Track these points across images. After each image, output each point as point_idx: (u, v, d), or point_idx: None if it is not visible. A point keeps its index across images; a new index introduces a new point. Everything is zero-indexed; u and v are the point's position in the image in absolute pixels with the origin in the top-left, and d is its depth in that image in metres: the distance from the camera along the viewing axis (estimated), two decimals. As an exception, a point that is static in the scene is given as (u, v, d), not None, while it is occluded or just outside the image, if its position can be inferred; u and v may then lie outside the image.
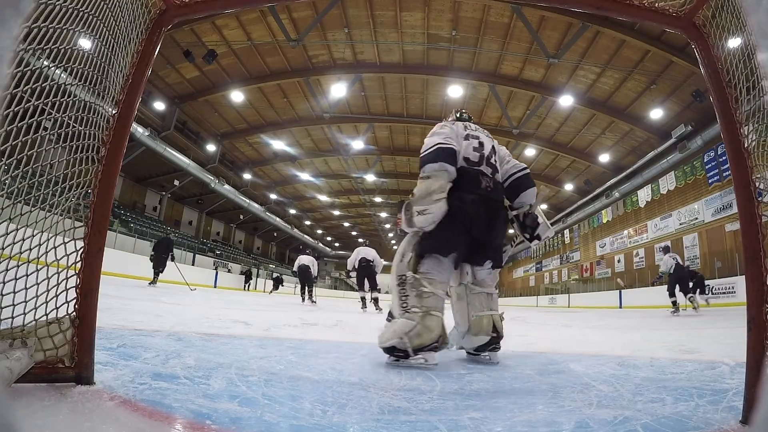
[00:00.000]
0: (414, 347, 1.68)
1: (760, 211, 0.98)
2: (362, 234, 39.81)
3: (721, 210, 13.59)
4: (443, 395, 1.24)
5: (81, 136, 1.01)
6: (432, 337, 1.70)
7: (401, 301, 1.79)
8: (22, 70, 0.79)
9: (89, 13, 0.94)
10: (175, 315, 3.45)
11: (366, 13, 12.40)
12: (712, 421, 0.97)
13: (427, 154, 1.88)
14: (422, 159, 1.89)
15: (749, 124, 1.03)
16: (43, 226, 0.96)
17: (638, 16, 1.19)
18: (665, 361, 2.00)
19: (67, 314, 1.02)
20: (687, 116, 14.04)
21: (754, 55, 0.94)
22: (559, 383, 1.44)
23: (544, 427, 0.96)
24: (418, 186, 1.82)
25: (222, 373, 1.31)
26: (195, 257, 19.71)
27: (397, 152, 21.33)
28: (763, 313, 0.93)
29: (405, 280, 1.80)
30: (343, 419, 0.95)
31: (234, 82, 15.54)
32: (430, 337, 1.70)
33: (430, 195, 1.76)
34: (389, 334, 1.73)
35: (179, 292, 8.41)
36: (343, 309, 8.33)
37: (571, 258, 24.97)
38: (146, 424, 0.83)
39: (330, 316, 5.52)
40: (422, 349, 1.70)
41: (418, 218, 1.76)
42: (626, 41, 12.02)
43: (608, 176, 19.05)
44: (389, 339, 1.72)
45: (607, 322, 6.59)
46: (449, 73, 14.62)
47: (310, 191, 27.70)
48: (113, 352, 1.52)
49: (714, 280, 12.29)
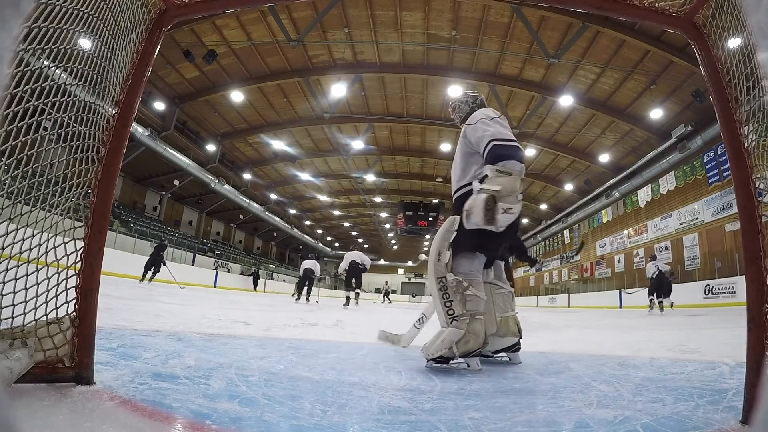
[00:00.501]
0: (461, 354, 1.66)
1: (760, 211, 0.98)
2: (362, 234, 39.84)
3: (721, 210, 13.59)
4: (443, 395, 1.24)
5: (81, 136, 1.01)
6: (479, 342, 1.69)
7: (446, 308, 1.70)
8: (22, 70, 0.79)
9: (89, 13, 0.94)
10: (175, 315, 3.45)
11: (366, 13, 12.40)
12: (712, 421, 0.97)
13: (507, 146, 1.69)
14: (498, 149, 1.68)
15: (749, 124, 1.03)
16: (43, 226, 0.96)
17: (638, 16, 1.19)
18: (665, 361, 2.00)
19: (67, 314, 1.02)
20: (687, 116, 14.04)
21: (754, 55, 0.94)
22: (559, 383, 1.44)
23: (544, 427, 0.96)
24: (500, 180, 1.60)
25: (222, 373, 1.31)
26: (195, 257, 19.70)
27: (397, 152, 21.32)
28: (763, 313, 0.93)
29: (446, 284, 1.71)
30: (343, 419, 0.95)
31: (234, 82, 15.54)
32: (477, 342, 1.68)
33: (515, 193, 1.61)
34: (438, 345, 1.67)
35: (179, 292, 8.42)
36: (343, 308, 8.33)
37: (571, 258, 24.97)
38: (146, 424, 0.83)
39: (330, 316, 5.52)
40: (468, 354, 1.67)
41: (503, 216, 1.58)
42: (626, 41, 12.01)
43: (608, 176, 19.05)
44: (439, 350, 1.66)
45: (607, 322, 6.58)
46: (449, 73, 14.62)
47: (310, 191, 27.70)
48: (113, 352, 1.52)
49: (714, 280, 12.30)
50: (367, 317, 5.97)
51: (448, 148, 18.89)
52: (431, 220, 24.08)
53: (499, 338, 1.89)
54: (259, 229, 32.36)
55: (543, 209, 25.66)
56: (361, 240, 42.13)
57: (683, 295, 12.85)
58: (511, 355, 1.92)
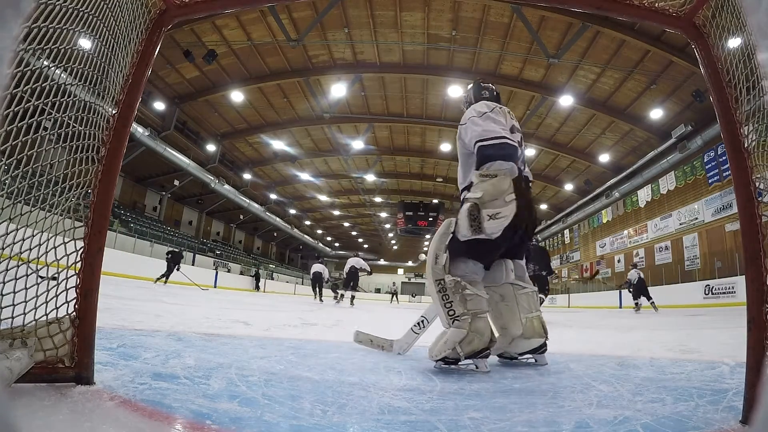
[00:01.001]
0: (466, 354, 1.61)
1: (760, 211, 0.98)
2: (362, 234, 39.83)
3: (721, 210, 13.59)
4: (443, 395, 1.23)
5: (81, 136, 1.01)
6: (484, 341, 1.62)
7: (447, 309, 1.66)
8: (22, 70, 0.79)
9: (89, 13, 0.94)
10: (175, 315, 3.45)
11: (366, 13, 12.40)
12: (712, 421, 0.97)
13: (493, 145, 1.61)
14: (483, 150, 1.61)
15: (749, 124, 1.03)
16: (43, 226, 0.96)
17: (638, 16, 1.19)
18: (665, 361, 2.00)
19: (67, 314, 1.02)
20: (687, 116, 14.04)
21: (754, 55, 0.94)
22: (559, 383, 1.44)
23: (544, 427, 0.96)
24: (482, 186, 1.56)
25: (222, 373, 1.31)
26: (195, 257, 19.70)
27: (397, 152, 21.32)
28: (763, 313, 0.93)
29: (445, 286, 1.67)
30: (343, 419, 0.95)
31: (234, 82, 15.54)
32: (482, 341, 1.62)
33: (502, 196, 1.54)
34: (441, 346, 1.63)
35: (179, 292, 8.42)
36: (343, 308, 8.34)
37: (571, 258, 24.97)
38: (146, 424, 0.83)
39: (330, 316, 5.52)
40: (474, 355, 1.62)
41: (490, 223, 1.53)
42: (626, 41, 12.01)
43: (608, 176, 19.05)
44: (442, 351, 1.63)
45: (607, 322, 6.58)
46: (449, 73, 14.62)
47: (310, 191, 27.70)
48: (113, 352, 1.52)
49: (714, 280, 12.29)
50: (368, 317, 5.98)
51: (448, 148, 18.89)
52: (431, 220, 24.09)
53: (525, 340, 1.78)
54: (259, 229, 32.37)
55: (543, 209, 25.66)
56: (361, 240, 42.14)
57: (683, 295, 12.86)
58: (538, 357, 1.82)
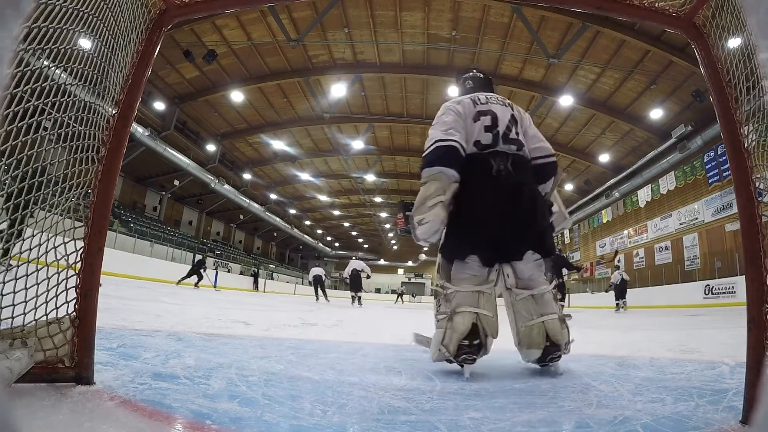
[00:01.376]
0: (451, 353, 1.54)
1: (760, 211, 0.97)
2: (362, 234, 39.83)
3: (721, 210, 13.59)
4: (443, 395, 1.23)
5: (81, 136, 1.01)
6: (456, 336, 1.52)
7: (435, 312, 1.68)
8: (22, 70, 0.79)
9: (89, 13, 0.94)
10: (175, 315, 3.45)
11: (366, 13, 12.40)
12: (712, 421, 0.97)
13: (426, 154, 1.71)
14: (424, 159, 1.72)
15: (749, 124, 1.03)
16: (43, 226, 0.96)
17: (638, 16, 1.19)
18: (665, 361, 2.00)
19: (67, 314, 1.02)
20: (687, 116, 14.04)
21: (754, 55, 0.94)
22: (559, 383, 1.44)
23: (544, 427, 0.96)
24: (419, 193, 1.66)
25: (222, 373, 1.31)
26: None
27: (397, 152, 21.33)
28: (763, 313, 0.93)
29: (437, 293, 1.70)
30: (343, 419, 0.95)
31: (234, 82, 15.55)
32: (454, 336, 1.53)
33: (424, 203, 1.61)
34: (431, 350, 1.63)
35: (179, 293, 8.43)
36: (343, 308, 8.34)
37: (571, 258, 24.96)
38: (146, 424, 0.83)
39: (330, 316, 5.52)
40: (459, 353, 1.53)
41: (420, 229, 1.61)
42: (626, 41, 12.02)
43: (608, 176, 19.05)
44: (432, 354, 1.63)
45: (607, 322, 6.58)
46: (449, 73, 14.60)
47: (310, 191, 27.70)
48: (113, 352, 1.52)
49: (714, 280, 12.31)
50: (368, 317, 5.98)
51: (448, 148, 18.81)
52: (431, 220, 24.05)
53: (525, 350, 1.65)
54: (259, 229, 32.36)
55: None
56: (361, 240, 42.15)
57: (683, 295, 12.87)
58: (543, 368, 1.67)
